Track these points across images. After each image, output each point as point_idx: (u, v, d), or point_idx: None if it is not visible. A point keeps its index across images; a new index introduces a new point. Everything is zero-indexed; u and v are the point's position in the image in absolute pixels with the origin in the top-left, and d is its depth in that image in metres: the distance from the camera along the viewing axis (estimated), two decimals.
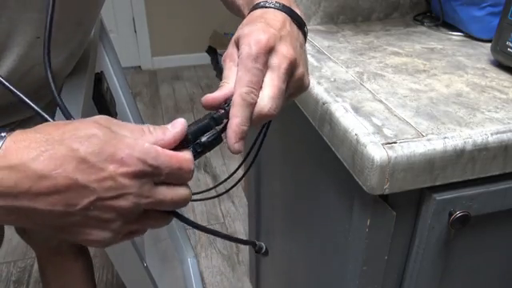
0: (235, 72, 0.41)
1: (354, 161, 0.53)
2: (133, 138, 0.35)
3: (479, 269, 0.65)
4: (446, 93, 0.62)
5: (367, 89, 0.63)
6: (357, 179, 0.53)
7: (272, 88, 0.40)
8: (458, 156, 0.52)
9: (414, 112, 0.57)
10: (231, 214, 1.87)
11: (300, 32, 0.45)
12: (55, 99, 0.40)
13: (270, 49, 0.40)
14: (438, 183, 0.53)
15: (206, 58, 3.08)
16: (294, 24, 0.44)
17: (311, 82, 0.65)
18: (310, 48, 0.78)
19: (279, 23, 0.42)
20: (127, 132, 0.35)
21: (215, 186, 0.62)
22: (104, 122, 0.35)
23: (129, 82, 1.22)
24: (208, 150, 0.39)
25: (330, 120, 0.58)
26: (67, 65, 0.69)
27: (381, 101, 0.60)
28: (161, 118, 2.61)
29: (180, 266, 1.54)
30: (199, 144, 0.39)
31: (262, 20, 0.42)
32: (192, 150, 0.38)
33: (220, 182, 0.62)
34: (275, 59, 0.40)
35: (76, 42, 0.68)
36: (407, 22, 0.92)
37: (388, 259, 0.58)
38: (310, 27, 0.88)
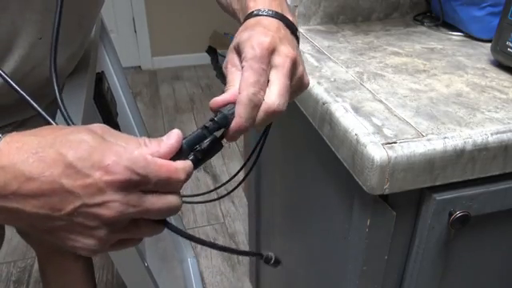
0: (239, 76, 0.42)
1: (354, 161, 0.53)
2: (123, 147, 0.34)
3: (479, 269, 0.65)
4: (446, 93, 0.62)
5: (367, 89, 0.63)
6: (357, 179, 0.53)
7: (279, 85, 0.41)
8: (458, 156, 0.52)
9: (414, 112, 0.57)
10: (231, 214, 1.87)
11: (293, 37, 0.47)
12: (57, 101, 0.41)
13: (273, 50, 0.42)
14: (438, 183, 0.53)
15: (206, 58, 3.08)
16: (288, 29, 0.46)
17: (311, 82, 0.65)
18: (310, 48, 0.78)
19: (275, 28, 0.44)
20: (122, 143, 0.35)
21: (216, 189, 0.62)
22: (99, 130, 0.35)
23: (129, 82, 1.23)
24: (208, 157, 0.40)
25: (330, 120, 0.58)
26: (68, 65, 0.69)
27: (381, 101, 0.60)
28: (161, 118, 2.61)
29: (180, 266, 1.54)
30: (200, 151, 0.39)
31: (259, 25, 0.44)
32: (193, 158, 0.39)
33: (221, 184, 0.62)
34: (278, 59, 0.42)
35: (77, 42, 0.68)
36: (407, 22, 0.92)
37: (388, 259, 0.58)
38: (310, 27, 0.88)
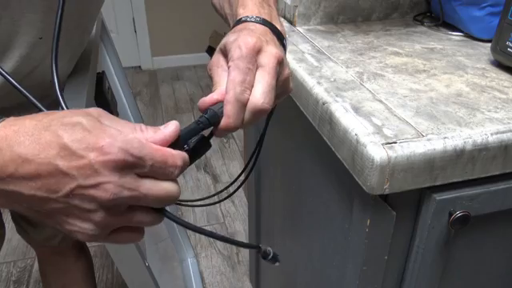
0: (225, 76, 0.42)
1: (354, 161, 0.53)
2: (118, 130, 0.34)
3: (479, 269, 0.65)
4: (446, 93, 0.63)
5: (367, 89, 0.63)
6: (357, 179, 0.53)
7: (263, 84, 0.42)
8: (458, 156, 0.52)
9: (414, 112, 0.57)
10: (231, 214, 1.87)
11: (280, 44, 0.47)
12: (59, 101, 0.41)
13: (259, 49, 0.42)
14: (438, 183, 0.53)
15: (206, 58, 3.08)
16: (275, 36, 0.47)
17: (311, 82, 0.65)
18: (310, 48, 0.78)
19: (261, 31, 0.45)
20: (118, 127, 0.35)
21: (218, 193, 0.61)
22: (95, 113, 0.35)
23: (129, 82, 1.23)
24: (198, 157, 0.40)
25: (330, 120, 0.58)
26: (68, 65, 0.69)
27: (381, 101, 0.60)
28: (161, 118, 2.61)
29: (180, 266, 1.54)
30: (188, 150, 0.39)
31: (246, 29, 0.45)
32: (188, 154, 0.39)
33: (224, 188, 0.62)
34: (264, 58, 0.42)
35: (76, 42, 0.68)
36: (407, 22, 0.92)
37: (388, 259, 0.58)
38: (310, 27, 0.88)
